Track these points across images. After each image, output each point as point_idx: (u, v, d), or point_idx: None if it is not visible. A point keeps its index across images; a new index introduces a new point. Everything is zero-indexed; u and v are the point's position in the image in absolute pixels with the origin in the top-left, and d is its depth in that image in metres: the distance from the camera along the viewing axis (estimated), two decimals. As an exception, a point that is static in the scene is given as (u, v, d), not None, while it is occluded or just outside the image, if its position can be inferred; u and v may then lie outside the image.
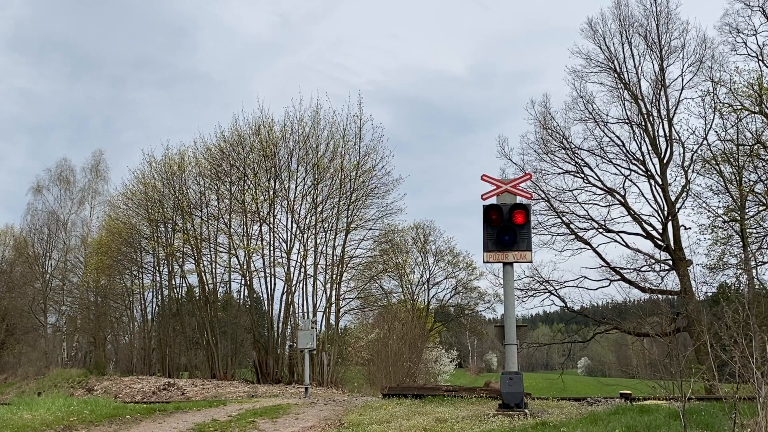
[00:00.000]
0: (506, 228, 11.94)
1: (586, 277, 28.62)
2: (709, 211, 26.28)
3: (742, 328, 8.13)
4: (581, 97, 28.83)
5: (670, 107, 27.67)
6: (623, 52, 28.46)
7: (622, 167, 28.18)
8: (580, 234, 28.54)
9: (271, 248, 29.08)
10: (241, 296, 32.35)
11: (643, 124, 27.96)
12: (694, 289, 25.78)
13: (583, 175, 28.66)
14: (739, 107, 25.32)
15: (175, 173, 31.79)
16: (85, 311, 43.52)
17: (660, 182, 27.48)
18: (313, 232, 28.55)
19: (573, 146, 28.81)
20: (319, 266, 28.26)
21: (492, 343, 73.15)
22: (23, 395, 29.44)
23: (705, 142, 26.63)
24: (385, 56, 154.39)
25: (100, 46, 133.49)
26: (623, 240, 28.26)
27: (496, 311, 54.64)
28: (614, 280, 28.43)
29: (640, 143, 28.07)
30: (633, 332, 27.07)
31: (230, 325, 30.89)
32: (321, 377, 25.55)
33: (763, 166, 25.52)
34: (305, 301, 28.26)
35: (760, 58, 25.22)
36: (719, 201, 26.39)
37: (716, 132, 26.32)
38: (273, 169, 29.00)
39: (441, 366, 48.87)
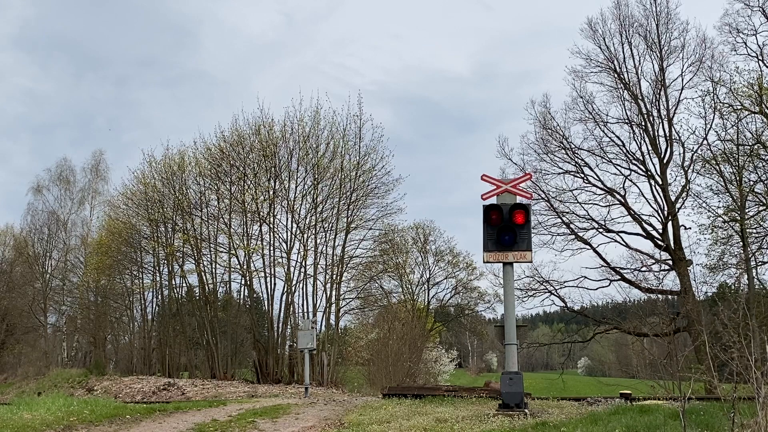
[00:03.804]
0: (506, 228, 11.93)
1: (586, 277, 28.65)
2: (709, 211, 26.32)
3: (741, 328, 8.14)
4: (581, 97, 28.87)
5: (670, 107, 27.70)
6: (623, 52, 28.48)
7: (622, 167, 28.21)
8: (580, 234, 28.55)
9: (271, 248, 29.11)
10: (241, 296, 32.39)
11: (643, 124, 27.96)
12: (694, 289, 25.79)
13: (583, 175, 28.68)
14: (739, 107, 25.34)
15: (175, 173, 31.79)
16: (85, 311, 43.51)
17: (660, 182, 27.48)
18: (313, 232, 28.58)
19: (573, 146, 28.84)
20: (319, 266, 28.30)
21: (492, 343, 73.16)
22: (23, 395, 29.45)
23: (705, 142, 26.67)
24: (389, 56, 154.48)
25: (105, 45, 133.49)
26: (623, 240, 28.30)
27: (496, 311, 54.62)
28: (614, 280, 28.45)
29: (640, 143, 28.11)
30: (633, 332, 27.06)
31: (230, 325, 30.89)
32: (321, 377, 25.55)
33: (763, 166, 25.54)
34: (305, 301, 28.31)
35: (760, 58, 25.24)
36: (719, 201, 26.43)
37: (716, 132, 26.37)
38: (273, 169, 29.00)
39: (441, 366, 48.84)
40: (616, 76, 28.45)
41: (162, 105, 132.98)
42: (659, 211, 27.60)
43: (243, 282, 30.85)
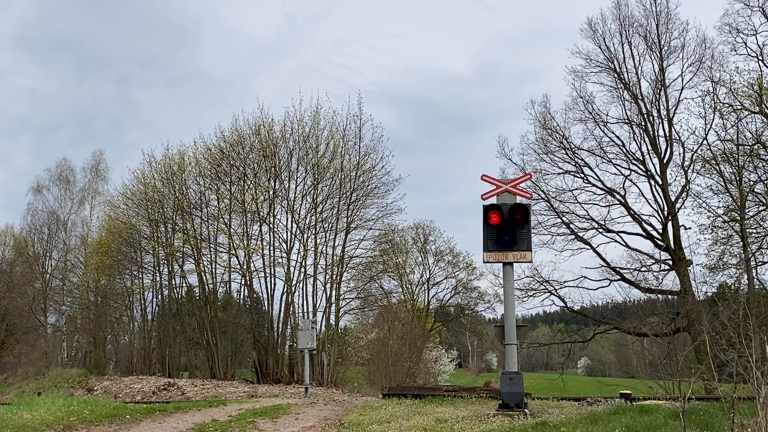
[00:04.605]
0: (506, 228, 11.93)
1: (586, 277, 28.65)
2: (709, 211, 26.31)
3: (741, 328, 8.13)
4: (581, 97, 28.86)
5: (670, 107, 27.70)
6: (623, 52, 28.48)
7: (622, 167, 28.21)
8: (580, 234, 28.55)
9: (271, 248, 29.11)
10: (241, 296, 32.39)
11: (643, 124, 27.96)
12: (693, 289, 25.79)
13: (583, 175, 28.68)
14: (739, 107, 25.33)
15: (175, 173, 31.79)
16: (85, 311, 43.51)
17: (660, 182, 27.48)
18: (313, 232, 28.58)
19: (573, 146, 28.84)
20: (319, 266, 28.29)
21: (492, 343, 73.11)
22: (23, 395, 29.46)
23: (705, 142, 26.68)
24: (389, 56, 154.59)
25: (105, 45, 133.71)
26: (623, 240, 28.30)
27: (496, 311, 54.63)
28: (614, 280, 28.45)
29: (640, 143, 28.11)
30: (633, 332, 27.04)
31: (230, 325, 30.89)
32: (321, 377, 25.55)
33: (763, 166, 25.53)
34: (305, 301, 28.31)
35: (760, 58, 25.23)
36: (719, 201, 26.43)
37: (716, 132, 26.37)
38: (273, 169, 29.00)
39: (441, 366, 48.83)
40: (616, 76, 28.46)
41: (162, 105, 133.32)
42: (659, 211, 27.62)
43: (243, 282, 30.89)
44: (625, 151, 28.18)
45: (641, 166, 27.88)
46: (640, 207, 28.56)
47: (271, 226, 29.13)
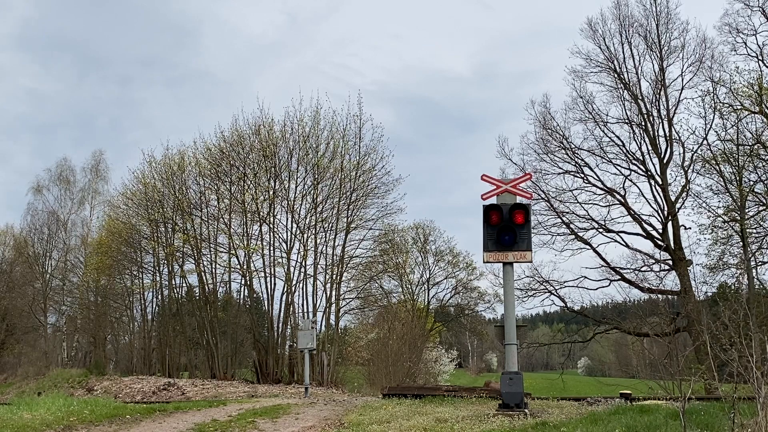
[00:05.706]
0: (506, 228, 11.93)
1: (586, 277, 28.65)
2: (709, 211, 26.32)
3: (742, 328, 8.14)
4: (581, 97, 28.87)
5: (670, 107, 27.71)
6: (623, 52, 28.49)
7: (622, 167, 28.22)
8: (580, 234, 28.55)
9: (271, 248, 29.12)
10: (241, 296, 32.39)
11: (643, 124, 27.97)
12: (694, 289, 25.79)
13: (583, 175, 28.68)
14: (739, 107, 25.33)
15: (175, 173, 31.79)
16: (85, 311, 43.52)
17: (660, 182, 27.48)
18: (313, 232, 28.58)
19: (573, 146, 28.85)
20: (319, 266, 28.30)
21: (492, 343, 73.09)
22: (23, 395, 29.45)
23: (705, 142, 26.69)
24: (389, 56, 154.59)
25: (106, 45, 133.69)
26: (623, 240, 28.31)
27: (496, 311, 54.62)
28: (614, 280, 28.45)
29: (640, 143, 28.11)
30: (633, 332, 27.05)
31: (230, 325, 30.89)
32: (321, 377, 25.55)
33: (763, 166, 25.53)
34: (305, 301, 28.32)
35: (760, 58, 25.24)
36: (719, 201, 26.43)
37: (716, 132, 26.37)
38: (273, 169, 29.01)
39: (441, 366, 48.84)
40: (616, 76, 28.46)
41: (163, 105, 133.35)
42: (659, 211, 27.62)
43: (243, 282, 30.90)
44: (625, 151, 28.22)
45: (641, 166, 27.90)
46: (640, 207, 28.61)
47: (271, 226, 29.16)
